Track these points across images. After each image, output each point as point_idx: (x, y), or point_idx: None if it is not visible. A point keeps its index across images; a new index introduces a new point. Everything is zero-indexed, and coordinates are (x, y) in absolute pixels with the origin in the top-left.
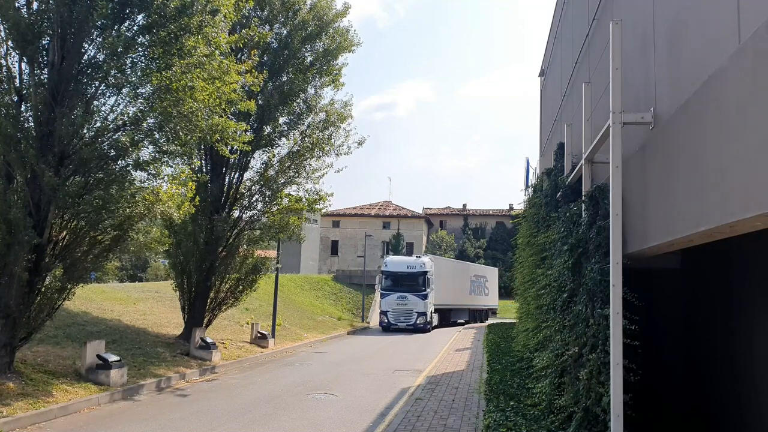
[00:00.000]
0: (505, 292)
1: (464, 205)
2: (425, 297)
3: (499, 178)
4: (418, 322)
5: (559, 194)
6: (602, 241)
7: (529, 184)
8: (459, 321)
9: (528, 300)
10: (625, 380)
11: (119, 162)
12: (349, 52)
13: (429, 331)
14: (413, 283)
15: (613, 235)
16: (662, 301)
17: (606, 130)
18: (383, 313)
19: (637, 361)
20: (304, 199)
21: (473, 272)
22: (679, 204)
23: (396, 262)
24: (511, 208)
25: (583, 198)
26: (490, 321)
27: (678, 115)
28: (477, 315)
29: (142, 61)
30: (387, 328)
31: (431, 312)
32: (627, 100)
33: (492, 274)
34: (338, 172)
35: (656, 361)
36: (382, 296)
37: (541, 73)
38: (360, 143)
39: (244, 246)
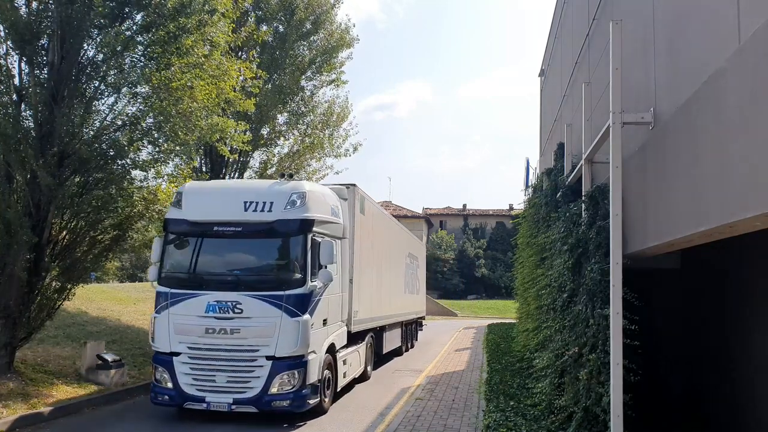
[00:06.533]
0: (505, 292)
1: (464, 205)
2: (303, 303)
3: (499, 178)
4: (273, 390)
5: (559, 194)
6: (602, 241)
7: (529, 184)
8: (390, 349)
9: (528, 300)
10: (625, 380)
11: (118, 162)
12: (348, 47)
13: (321, 413)
14: (263, 257)
15: (613, 235)
16: (662, 301)
17: (606, 130)
18: (162, 363)
19: (637, 361)
20: None
21: (407, 247)
22: (679, 204)
23: (209, 193)
24: (511, 208)
25: (583, 198)
26: (490, 322)
27: (678, 115)
28: (408, 332)
29: (141, 61)
30: (175, 403)
31: (324, 353)
32: (627, 100)
33: (421, 251)
34: (338, 174)
35: (656, 361)
36: (162, 305)
37: (541, 73)
38: (356, 148)
39: None
